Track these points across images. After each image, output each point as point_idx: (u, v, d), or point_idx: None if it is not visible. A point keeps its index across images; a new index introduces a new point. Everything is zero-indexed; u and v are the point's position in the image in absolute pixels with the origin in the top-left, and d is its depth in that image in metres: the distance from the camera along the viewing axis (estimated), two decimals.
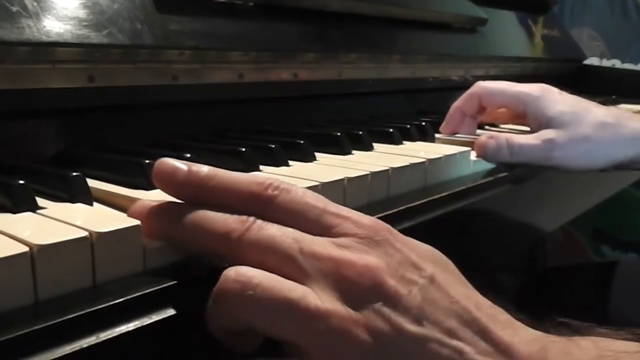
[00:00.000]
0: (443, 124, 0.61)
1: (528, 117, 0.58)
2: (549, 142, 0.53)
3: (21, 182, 0.28)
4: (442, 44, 0.81)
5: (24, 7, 0.37)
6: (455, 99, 0.61)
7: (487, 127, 0.68)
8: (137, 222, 0.26)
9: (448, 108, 0.62)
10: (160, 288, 0.24)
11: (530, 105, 0.57)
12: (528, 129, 0.59)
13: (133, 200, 0.29)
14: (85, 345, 0.22)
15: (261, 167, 0.39)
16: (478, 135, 0.58)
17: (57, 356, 0.21)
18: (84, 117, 0.42)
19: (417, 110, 0.74)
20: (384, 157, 0.45)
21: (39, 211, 0.28)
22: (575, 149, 0.54)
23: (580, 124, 0.55)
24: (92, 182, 0.32)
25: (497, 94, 0.60)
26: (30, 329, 0.21)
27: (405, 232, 0.28)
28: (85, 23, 0.40)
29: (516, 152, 0.52)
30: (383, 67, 0.70)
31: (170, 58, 0.46)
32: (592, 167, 0.56)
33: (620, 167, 0.58)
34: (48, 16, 0.38)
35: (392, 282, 0.25)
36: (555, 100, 0.57)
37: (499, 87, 0.60)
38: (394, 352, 0.24)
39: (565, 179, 0.61)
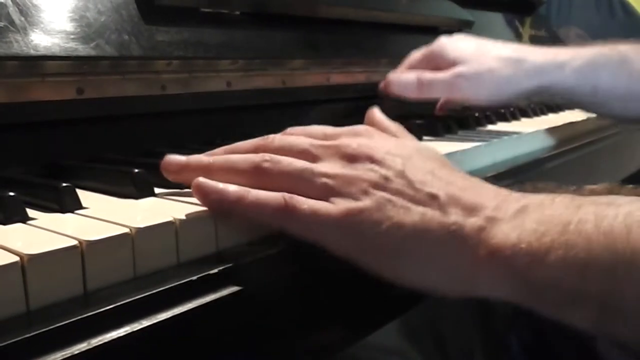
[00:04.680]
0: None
1: (440, 67, 0.61)
2: (457, 75, 0.57)
3: (11, 193, 0.29)
4: None
5: (11, 22, 0.38)
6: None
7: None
8: (126, 229, 0.26)
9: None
10: (150, 294, 0.25)
11: (436, 56, 0.61)
12: None
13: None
14: (76, 352, 0.22)
15: None
16: None
17: None
18: (73, 129, 0.43)
19: (407, 112, 0.74)
20: None
21: (29, 222, 0.28)
22: (481, 81, 0.58)
23: (485, 58, 0.59)
24: (82, 193, 0.33)
25: (414, 55, 0.63)
26: (22, 337, 0.21)
27: None
28: (72, 36, 0.41)
29: (427, 86, 0.56)
30: (371, 72, 0.71)
31: (159, 68, 0.47)
32: (500, 99, 0.60)
33: (529, 97, 0.62)
34: (35, 30, 0.39)
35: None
36: (458, 44, 0.61)
37: (416, 50, 0.64)
38: (382, 199, 0.30)
39: (556, 177, 0.62)
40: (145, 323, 0.24)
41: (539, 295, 0.29)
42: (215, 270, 0.27)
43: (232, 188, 0.30)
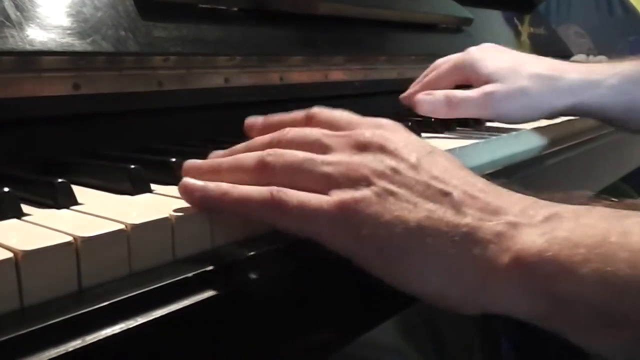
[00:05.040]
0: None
1: (471, 80, 0.59)
2: (488, 94, 0.56)
3: (6, 189, 0.29)
4: (429, 45, 0.81)
5: (7, 17, 0.37)
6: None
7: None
8: (121, 226, 0.26)
9: None
10: (145, 291, 0.25)
11: (467, 70, 0.60)
12: None
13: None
14: (71, 349, 0.22)
15: None
16: None
17: None
18: (69, 125, 0.43)
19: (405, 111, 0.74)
20: None
21: (24, 218, 0.28)
22: (514, 101, 0.56)
23: (517, 77, 0.57)
24: (77, 189, 0.32)
25: (443, 66, 0.62)
26: (16, 334, 0.21)
27: None
28: (69, 31, 0.40)
29: (456, 105, 0.55)
30: (370, 69, 0.71)
31: (155, 64, 0.47)
32: (533, 118, 0.59)
33: (563, 115, 0.60)
34: (32, 25, 0.38)
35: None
36: (491, 58, 0.59)
37: (444, 60, 0.62)
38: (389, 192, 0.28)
39: (554, 175, 0.62)
40: (141, 320, 0.24)
41: (565, 313, 0.25)
42: (211, 267, 0.27)
43: (212, 185, 0.29)
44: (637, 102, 0.58)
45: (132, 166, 0.33)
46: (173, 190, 0.33)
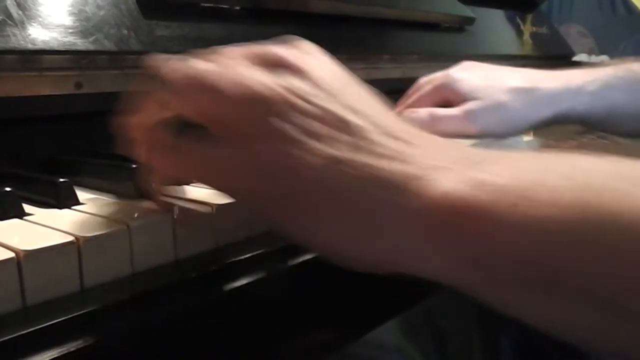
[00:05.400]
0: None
1: (451, 101, 0.60)
2: (468, 111, 0.56)
3: (8, 189, 0.29)
4: (431, 44, 0.81)
5: (9, 16, 0.37)
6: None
7: None
8: (123, 226, 0.26)
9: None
10: (147, 291, 0.25)
11: (447, 90, 0.60)
12: None
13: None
14: (73, 349, 0.22)
15: None
16: None
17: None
18: (72, 124, 0.43)
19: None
20: None
21: (26, 217, 0.28)
22: (493, 116, 0.56)
23: (495, 92, 0.57)
24: (79, 188, 0.32)
25: (425, 88, 0.61)
26: (18, 334, 0.21)
27: None
28: (71, 30, 0.40)
29: (439, 122, 0.55)
30: (373, 68, 0.70)
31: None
32: (517, 131, 0.59)
33: (546, 125, 0.60)
34: (33, 24, 0.38)
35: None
36: (469, 77, 0.59)
37: (426, 80, 0.62)
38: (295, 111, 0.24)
39: None
40: (142, 320, 0.24)
41: (486, 267, 0.21)
42: (214, 267, 0.27)
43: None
44: (616, 106, 0.59)
45: (134, 166, 0.33)
46: (175, 190, 0.33)
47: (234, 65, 0.26)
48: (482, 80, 0.59)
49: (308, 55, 0.27)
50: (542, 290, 0.21)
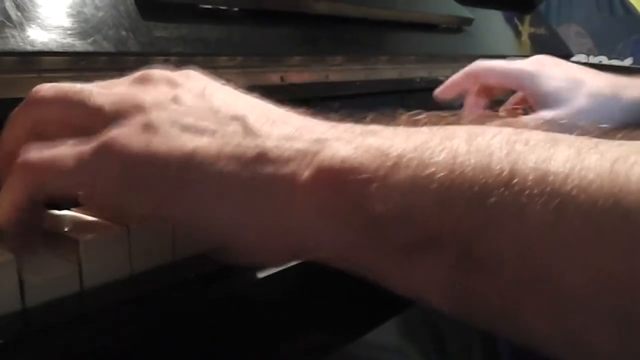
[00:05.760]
0: (440, 89, 0.62)
1: (525, 93, 0.59)
2: (548, 122, 0.54)
3: None
4: (429, 45, 0.81)
5: (8, 17, 0.37)
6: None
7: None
8: (123, 228, 0.26)
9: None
10: (146, 292, 0.25)
11: (525, 82, 0.58)
12: None
13: None
14: (74, 351, 0.22)
15: None
16: None
17: None
18: None
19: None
20: None
21: None
22: (574, 124, 0.55)
23: (576, 98, 0.55)
24: None
25: (493, 72, 0.60)
26: (18, 335, 0.21)
27: None
28: (70, 32, 0.40)
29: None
30: (371, 69, 0.71)
31: (156, 64, 0.46)
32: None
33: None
34: (32, 25, 0.38)
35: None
36: (550, 75, 0.57)
37: (496, 65, 0.61)
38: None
39: None
40: (140, 321, 0.24)
41: (378, 236, 0.21)
42: (212, 269, 0.27)
43: None
44: None
45: None
46: None
47: (108, 85, 0.27)
48: (564, 81, 0.56)
49: (186, 75, 0.27)
50: (421, 253, 0.21)
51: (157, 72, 0.26)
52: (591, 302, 0.18)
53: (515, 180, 0.19)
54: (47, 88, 0.26)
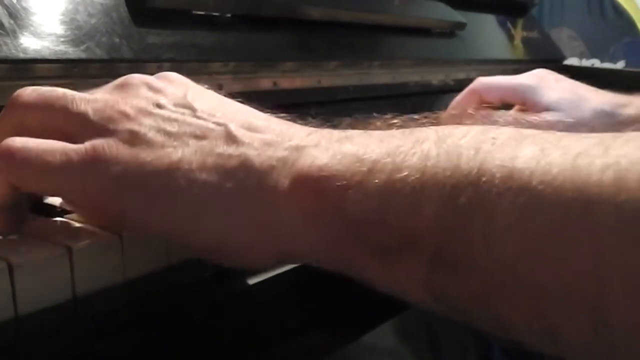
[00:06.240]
0: (446, 113, 0.62)
1: (528, 107, 0.59)
2: (551, 123, 0.55)
3: None
4: (423, 49, 0.82)
5: (1, 25, 0.37)
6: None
7: None
8: (116, 235, 0.26)
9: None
10: (140, 298, 0.25)
11: (527, 95, 0.59)
12: None
13: None
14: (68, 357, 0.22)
15: None
16: None
17: None
18: None
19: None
20: None
21: None
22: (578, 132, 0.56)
23: (579, 110, 0.56)
24: None
25: (495, 88, 0.61)
26: (10, 343, 0.21)
27: None
28: (62, 39, 0.41)
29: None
30: (364, 74, 0.71)
31: (150, 71, 0.46)
32: None
33: None
34: (25, 33, 0.39)
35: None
36: (552, 87, 0.58)
37: (496, 81, 0.61)
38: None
39: None
40: (136, 328, 0.24)
41: (357, 240, 0.22)
42: (208, 274, 0.27)
43: None
44: None
45: None
46: None
47: (89, 92, 0.27)
48: (566, 93, 0.57)
49: (168, 80, 0.27)
50: (399, 255, 0.21)
51: (138, 78, 0.27)
52: (561, 296, 0.19)
53: (483, 179, 0.20)
54: (28, 93, 0.26)
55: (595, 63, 1.53)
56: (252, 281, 0.29)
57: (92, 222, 0.27)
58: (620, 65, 1.48)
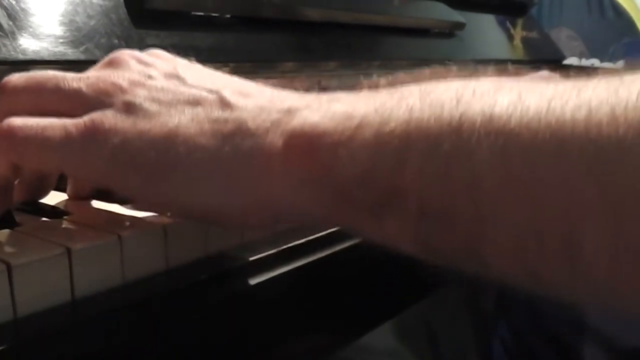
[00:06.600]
0: None
1: None
2: None
3: None
4: (422, 49, 0.82)
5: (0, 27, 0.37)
6: None
7: None
8: (115, 236, 0.26)
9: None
10: (139, 301, 0.25)
11: None
12: None
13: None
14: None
15: None
16: None
17: None
18: None
19: None
20: None
21: (17, 228, 0.28)
22: None
23: None
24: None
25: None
26: (9, 345, 0.21)
27: None
28: (62, 40, 0.41)
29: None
30: (363, 74, 0.71)
31: None
32: None
33: None
34: (24, 34, 0.39)
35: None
36: None
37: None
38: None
39: None
40: (135, 329, 0.24)
41: (349, 196, 0.22)
42: (206, 276, 0.27)
43: None
44: None
45: None
46: None
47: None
48: None
49: (156, 54, 0.28)
50: (389, 208, 0.22)
51: (127, 53, 0.27)
52: (540, 236, 0.19)
53: (464, 127, 0.20)
54: (17, 77, 0.26)
55: (595, 63, 1.53)
56: (252, 281, 0.29)
57: (91, 222, 0.27)
58: (619, 65, 1.48)
